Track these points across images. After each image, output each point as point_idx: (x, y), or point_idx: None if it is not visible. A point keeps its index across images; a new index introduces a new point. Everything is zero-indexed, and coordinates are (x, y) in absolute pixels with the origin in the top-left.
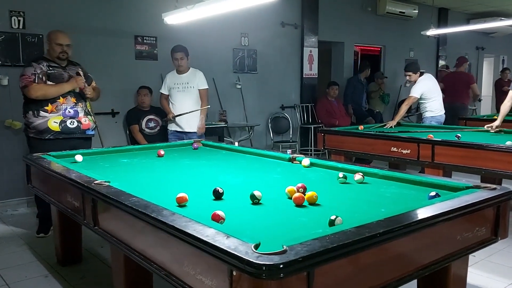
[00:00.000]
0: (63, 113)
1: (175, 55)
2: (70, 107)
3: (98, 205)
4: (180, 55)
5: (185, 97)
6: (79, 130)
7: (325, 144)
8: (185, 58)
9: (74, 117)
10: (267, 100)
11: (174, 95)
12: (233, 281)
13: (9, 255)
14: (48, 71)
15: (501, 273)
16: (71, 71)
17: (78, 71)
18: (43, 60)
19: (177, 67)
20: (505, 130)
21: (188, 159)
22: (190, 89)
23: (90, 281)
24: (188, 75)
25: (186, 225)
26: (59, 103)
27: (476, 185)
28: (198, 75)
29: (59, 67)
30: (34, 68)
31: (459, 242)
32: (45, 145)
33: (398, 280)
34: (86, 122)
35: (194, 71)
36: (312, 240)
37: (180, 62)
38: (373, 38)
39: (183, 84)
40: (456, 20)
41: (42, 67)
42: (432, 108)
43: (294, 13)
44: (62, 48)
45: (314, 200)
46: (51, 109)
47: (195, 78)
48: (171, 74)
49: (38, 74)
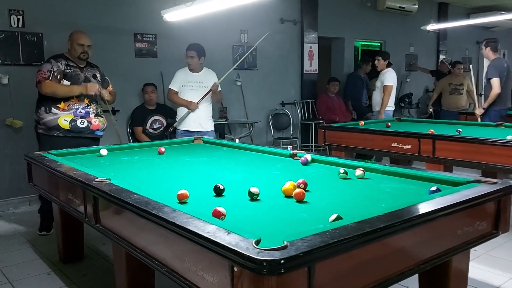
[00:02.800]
0: (74, 112)
1: (187, 53)
2: (82, 107)
3: (100, 203)
4: (191, 54)
5: (197, 96)
6: (88, 130)
7: (325, 140)
8: (196, 57)
9: (85, 117)
10: (267, 96)
11: (186, 92)
12: (234, 277)
13: (12, 253)
14: (65, 70)
15: (502, 267)
16: (88, 73)
17: (95, 73)
18: (62, 58)
19: (188, 65)
20: (505, 124)
21: (188, 156)
22: (204, 89)
23: (92, 278)
24: (202, 74)
25: (187, 221)
26: (71, 102)
27: (477, 179)
28: (213, 76)
29: (77, 67)
30: (52, 65)
31: (460, 236)
32: (53, 141)
33: (399, 274)
34: (96, 123)
35: (208, 71)
36: (312, 235)
37: (190, 60)
38: (373, 33)
39: (197, 83)
40: (456, 14)
41: (60, 65)
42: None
43: (294, 9)
44: (84, 48)
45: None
46: (63, 107)
47: (210, 79)
48: (182, 71)
49: (54, 71)
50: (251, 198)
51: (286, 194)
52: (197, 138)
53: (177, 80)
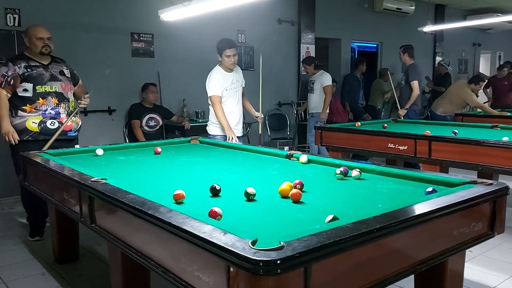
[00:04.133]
0: (43, 113)
1: (229, 51)
2: (51, 108)
3: (95, 203)
4: (234, 51)
5: (238, 96)
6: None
7: (322, 141)
8: (237, 54)
9: (55, 117)
10: (264, 97)
11: (228, 96)
12: (230, 277)
13: (6, 253)
14: (25, 72)
15: (498, 268)
16: (54, 70)
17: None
18: (22, 60)
19: (230, 65)
20: (501, 126)
21: (185, 156)
22: (240, 88)
23: (87, 278)
24: (235, 73)
25: (183, 221)
26: (38, 104)
27: (473, 180)
28: (241, 72)
29: (40, 66)
30: (7, 69)
31: (456, 237)
32: (24, 147)
33: (395, 275)
34: (68, 123)
35: (237, 68)
36: (309, 236)
37: (234, 59)
38: (370, 34)
39: (236, 83)
40: (452, 16)
41: (17, 68)
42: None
43: (291, 9)
44: (44, 41)
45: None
46: (30, 109)
47: (241, 75)
48: (218, 72)
49: (8, 77)
50: (248, 199)
51: (282, 195)
52: (193, 138)
53: (220, 84)
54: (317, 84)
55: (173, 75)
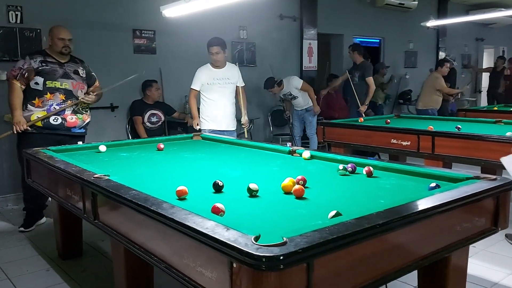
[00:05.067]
0: (48, 109)
1: (211, 49)
2: (57, 103)
3: (98, 199)
4: (216, 50)
5: (225, 92)
6: (63, 127)
7: (324, 137)
8: (221, 52)
9: (59, 114)
10: (266, 93)
11: (212, 90)
12: (233, 273)
13: (10, 249)
14: (39, 67)
15: (501, 263)
16: (69, 68)
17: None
18: (40, 55)
19: (214, 62)
20: (504, 121)
21: (187, 152)
22: (230, 85)
23: (91, 274)
24: (226, 70)
25: (186, 217)
26: (45, 98)
27: (476, 175)
28: (237, 70)
29: (56, 63)
30: (24, 63)
31: (459, 232)
32: (29, 138)
33: (398, 270)
34: (72, 120)
35: (232, 66)
36: (311, 231)
37: (216, 57)
38: (372, 30)
39: (224, 79)
40: (455, 11)
41: (33, 62)
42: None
43: (293, 5)
44: (65, 42)
45: (290, 188)
46: (37, 104)
47: (235, 74)
48: (204, 68)
49: (23, 70)
50: (250, 195)
51: (285, 191)
52: (195, 135)
53: (200, 79)
54: (294, 91)
55: (175, 71)
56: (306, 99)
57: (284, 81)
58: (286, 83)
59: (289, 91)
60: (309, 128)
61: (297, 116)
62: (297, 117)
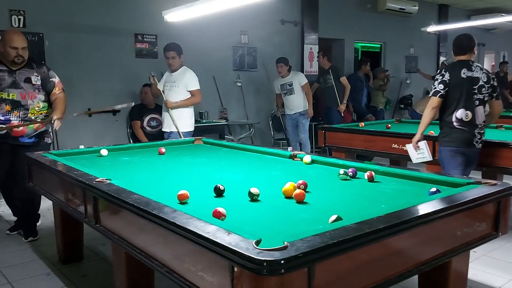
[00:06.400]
0: None
1: (167, 53)
2: (1, 114)
3: (100, 203)
4: (171, 54)
5: (170, 97)
6: (10, 136)
7: (325, 141)
8: (176, 57)
9: (5, 123)
10: (267, 97)
11: (166, 93)
12: (234, 277)
13: (11, 254)
14: None
15: (502, 268)
16: (20, 75)
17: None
18: None
19: (169, 66)
20: (505, 126)
21: (189, 156)
22: (175, 88)
23: (92, 278)
24: (176, 74)
25: (187, 222)
26: None
27: (477, 181)
28: (187, 75)
29: (6, 71)
30: None
31: (460, 237)
32: None
33: (399, 275)
34: (19, 129)
35: (184, 70)
36: (312, 236)
37: (171, 61)
38: (373, 35)
39: (171, 83)
40: (456, 16)
41: None
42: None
43: (294, 10)
44: (18, 52)
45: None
46: None
47: (183, 78)
48: (167, 72)
49: None
50: (251, 199)
51: (286, 195)
52: (197, 139)
53: (162, 80)
54: (296, 84)
55: None
56: (301, 101)
57: (292, 72)
58: (293, 74)
59: (291, 81)
60: (303, 132)
61: (291, 120)
62: (291, 122)
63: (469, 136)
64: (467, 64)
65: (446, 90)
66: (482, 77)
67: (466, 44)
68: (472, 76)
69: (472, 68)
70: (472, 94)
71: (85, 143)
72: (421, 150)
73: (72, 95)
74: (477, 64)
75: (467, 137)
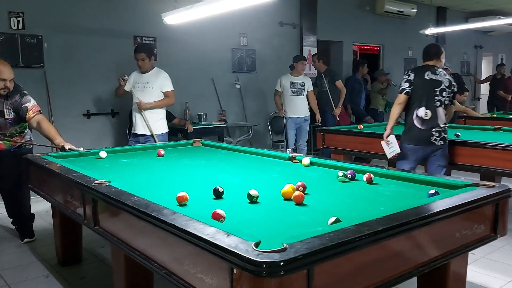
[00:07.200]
0: None
1: (137, 55)
2: None
3: (99, 205)
4: (141, 56)
5: (144, 98)
6: None
7: (324, 143)
8: (146, 59)
9: None
10: (266, 99)
11: (135, 94)
12: (233, 279)
13: (10, 256)
14: None
15: (501, 270)
16: None
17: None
18: None
19: (139, 68)
20: (503, 128)
21: (188, 158)
22: (149, 89)
23: (91, 281)
24: (149, 75)
25: (186, 224)
26: None
27: (475, 183)
28: (161, 76)
29: None
30: None
31: (458, 239)
32: None
33: (398, 277)
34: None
35: (157, 71)
36: (312, 238)
37: (141, 63)
38: (371, 37)
39: (143, 83)
40: (454, 19)
41: None
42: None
43: (293, 12)
44: (6, 83)
45: (290, 194)
46: None
47: (158, 79)
48: (134, 72)
49: None
50: (251, 201)
51: (285, 197)
52: (196, 141)
53: (129, 81)
54: (306, 86)
55: (175, 77)
56: (307, 105)
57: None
58: (304, 76)
59: (304, 82)
60: (304, 137)
61: (294, 124)
62: (293, 126)
63: (426, 134)
64: (432, 68)
65: (411, 88)
66: (445, 82)
67: (434, 52)
68: (435, 79)
69: (436, 72)
70: (433, 95)
71: (84, 145)
72: (391, 144)
73: (71, 97)
74: (442, 70)
75: (424, 135)
